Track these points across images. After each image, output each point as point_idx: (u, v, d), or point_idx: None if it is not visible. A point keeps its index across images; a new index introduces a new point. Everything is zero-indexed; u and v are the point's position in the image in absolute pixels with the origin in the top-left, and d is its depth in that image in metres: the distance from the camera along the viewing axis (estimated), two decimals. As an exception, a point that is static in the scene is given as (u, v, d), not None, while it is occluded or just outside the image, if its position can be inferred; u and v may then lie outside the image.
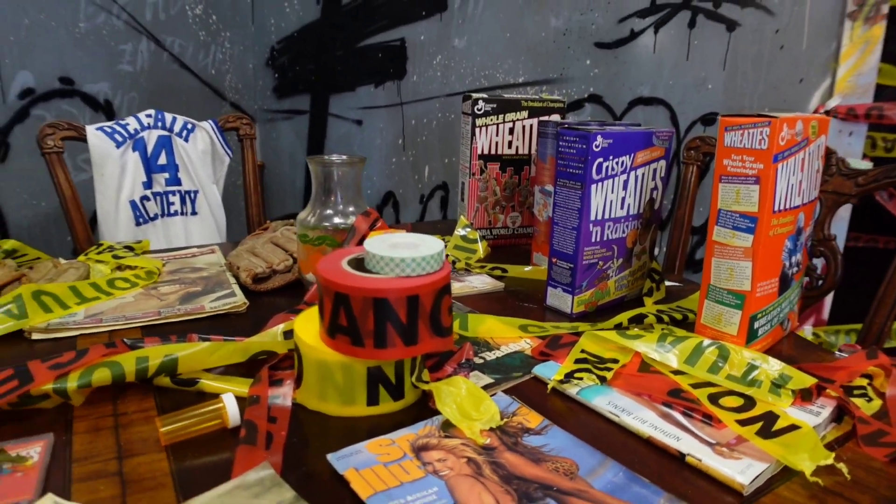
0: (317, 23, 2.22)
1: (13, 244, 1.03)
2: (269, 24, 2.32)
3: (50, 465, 0.53)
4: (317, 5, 2.21)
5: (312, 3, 2.21)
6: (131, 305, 0.87)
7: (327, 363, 0.60)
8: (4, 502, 0.48)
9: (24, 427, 0.59)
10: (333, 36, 2.19)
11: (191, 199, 1.46)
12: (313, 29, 2.24)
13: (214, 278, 0.99)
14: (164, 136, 1.43)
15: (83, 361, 0.63)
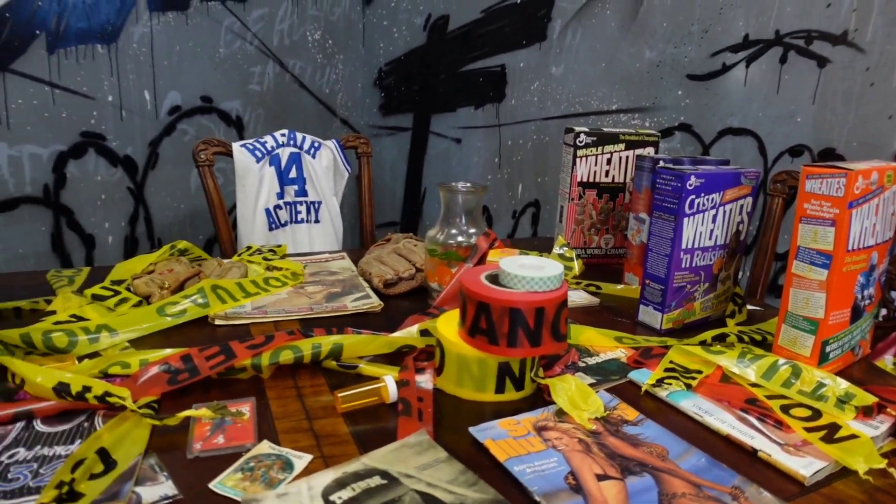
0: (422, 48, 2.40)
1: (185, 244, 1.23)
2: (377, 48, 2.52)
3: (258, 421, 0.70)
4: (423, 32, 2.39)
5: (419, 30, 2.39)
6: (286, 301, 1.06)
7: (465, 357, 0.75)
8: (234, 443, 0.66)
9: (228, 392, 0.77)
10: (437, 60, 2.36)
11: (315, 208, 1.66)
12: (419, 53, 2.42)
13: (350, 281, 1.16)
14: (295, 152, 1.64)
15: (272, 344, 0.80)
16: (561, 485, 0.60)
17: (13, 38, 1.64)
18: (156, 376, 0.75)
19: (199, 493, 0.58)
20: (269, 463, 0.62)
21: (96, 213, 1.85)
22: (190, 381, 0.76)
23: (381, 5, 2.47)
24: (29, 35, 1.66)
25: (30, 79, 1.68)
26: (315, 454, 0.64)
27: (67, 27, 1.72)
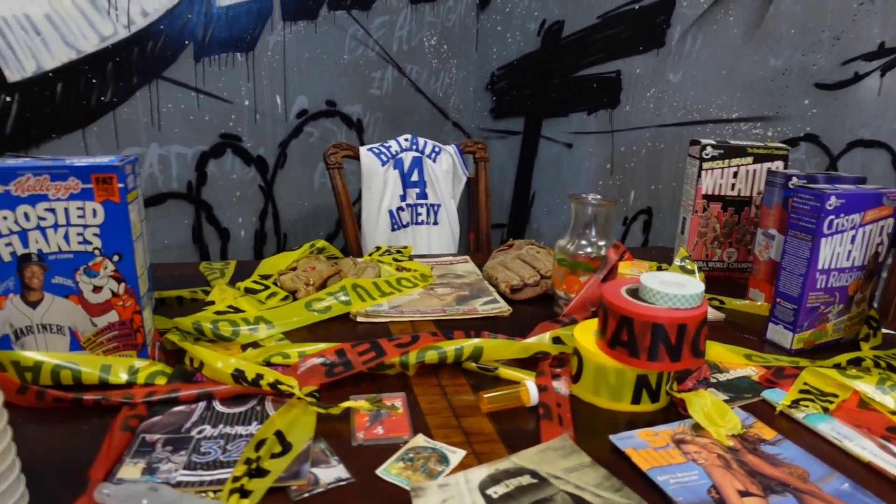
0: (536, 53, 2.43)
1: (322, 243, 1.32)
2: (491, 53, 2.56)
3: (411, 415, 0.76)
4: (537, 37, 2.41)
5: (533, 35, 2.42)
6: (419, 302, 1.12)
7: (604, 367, 0.78)
8: (392, 434, 0.72)
9: (377, 386, 0.84)
10: (551, 66, 2.38)
11: (434, 211, 1.72)
12: (532, 58, 2.45)
13: (476, 285, 1.21)
14: (417, 157, 1.71)
15: (418, 344, 0.86)
16: (705, 497, 0.63)
17: (166, 49, 1.79)
18: (314, 368, 0.83)
19: (368, 478, 0.64)
20: (426, 455, 0.68)
21: (231, 209, 2.00)
22: (345, 375, 0.82)
23: (496, 11, 2.52)
24: (179, 46, 1.81)
25: (179, 85, 1.83)
26: (467, 450, 0.69)
27: (212, 38, 1.86)
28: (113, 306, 0.82)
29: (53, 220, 0.77)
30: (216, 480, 0.63)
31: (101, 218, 0.78)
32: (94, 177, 0.76)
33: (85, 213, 0.77)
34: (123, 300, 0.82)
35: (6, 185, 0.75)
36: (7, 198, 0.76)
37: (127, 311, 0.82)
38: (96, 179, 0.76)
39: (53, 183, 0.76)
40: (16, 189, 0.75)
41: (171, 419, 0.74)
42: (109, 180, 0.76)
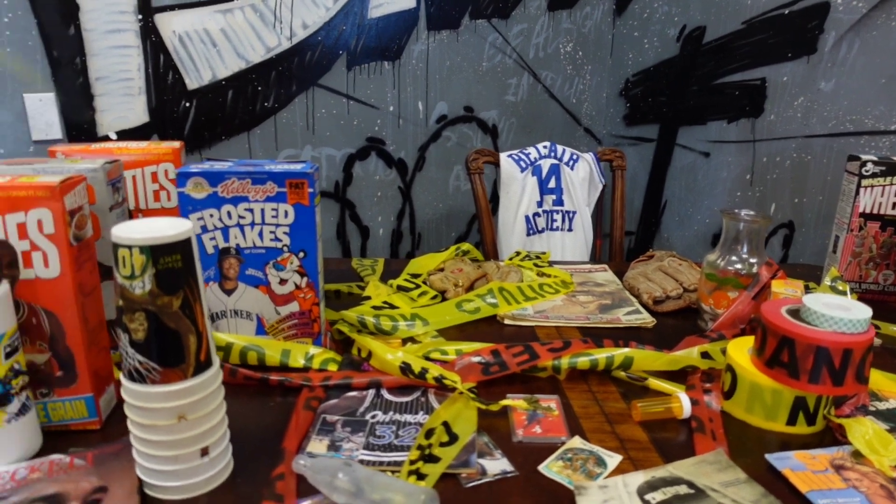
0: (674, 59, 2.39)
1: (467, 246, 1.38)
2: (626, 59, 2.54)
3: (566, 417, 0.80)
4: (676, 43, 2.37)
5: (672, 41, 2.39)
6: (563, 308, 1.15)
7: (760, 385, 0.79)
8: (550, 434, 0.76)
9: (529, 387, 0.88)
10: (690, 72, 2.34)
11: (569, 218, 1.75)
12: (670, 64, 2.41)
13: (617, 294, 1.23)
14: (555, 164, 1.74)
15: (570, 350, 0.90)
16: (870, 523, 0.63)
17: (322, 58, 1.92)
18: (471, 365, 0.89)
19: (531, 473, 0.69)
20: (584, 457, 0.72)
21: (372, 208, 2.11)
22: (500, 375, 0.88)
23: (633, 17, 2.50)
24: (334, 55, 1.94)
25: (332, 92, 1.97)
26: (622, 455, 0.72)
27: (363, 47, 1.98)
28: (295, 297, 0.91)
29: (251, 219, 0.87)
30: (393, 462, 0.70)
31: (291, 218, 0.87)
32: (288, 182, 0.85)
33: (278, 214, 0.87)
34: (305, 292, 0.91)
35: (215, 186, 0.86)
36: (214, 198, 0.86)
37: (307, 302, 0.91)
38: (290, 184, 0.85)
39: (254, 186, 0.86)
40: (222, 191, 0.86)
41: (346, 403, 0.82)
42: (301, 185, 0.85)
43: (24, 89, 1.65)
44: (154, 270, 0.58)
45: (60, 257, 0.72)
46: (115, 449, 0.72)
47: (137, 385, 0.61)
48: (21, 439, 0.71)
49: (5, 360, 0.68)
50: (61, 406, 0.77)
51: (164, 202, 1.05)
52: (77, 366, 0.76)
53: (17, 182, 0.70)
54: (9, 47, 1.61)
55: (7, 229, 0.71)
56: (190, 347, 0.62)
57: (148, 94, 1.76)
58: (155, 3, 1.71)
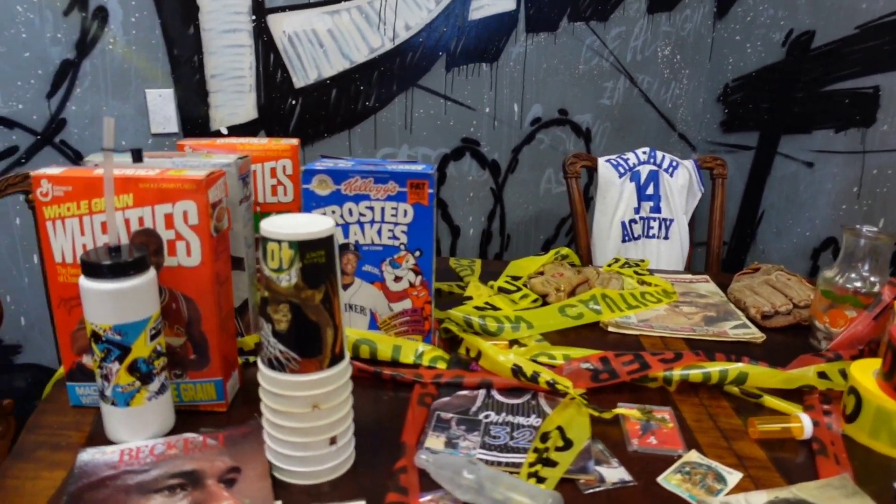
0: (779, 64, 2.31)
1: (567, 251, 1.38)
2: (726, 63, 2.47)
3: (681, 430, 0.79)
4: (782, 48, 2.29)
5: (777, 45, 2.30)
6: (666, 318, 1.14)
7: (887, 410, 0.76)
8: (666, 446, 0.75)
9: (637, 397, 0.87)
10: (796, 78, 2.25)
11: (666, 225, 1.72)
12: (774, 70, 2.33)
13: (722, 307, 1.20)
14: (654, 170, 1.71)
15: (682, 361, 0.89)
16: None
17: (422, 59, 1.96)
18: (579, 371, 0.89)
19: (649, 484, 0.69)
20: (703, 472, 0.71)
21: (464, 208, 2.14)
22: (610, 383, 0.87)
23: (735, 20, 2.43)
24: (434, 56, 1.97)
25: (430, 92, 2.00)
26: (742, 473, 0.71)
27: (462, 49, 2.00)
28: (409, 295, 0.93)
29: (371, 217, 0.90)
30: (511, 463, 0.71)
31: (410, 217, 0.89)
32: (409, 182, 0.88)
33: (397, 213, 0.89)
34: (418, 290, 0.93)
35: (338, 184, 0.89)
36: (337, 195, 0.89)
37: (420, 300, 0.94)
38: (411, 184, 0.88)
39: (376, 185, 0.88)
40: (345, 189, 0.89)
41: (459, 401, 0.84)
42: (422, 185, 0.87)
43: (146, 85, 1.75)
44: (301, 265, 0.61)
45: (202, 247, 0.76)
46: (244, 431, 0.76)
47: (276, 373, 0.65)
48: (158, 417, 0.76)
49: (150, 341, 0.73)
50: (192, 388, 0.82)
51: (282, 197, 1.09)
52: (210, 350, 0.80)
53: (166, 175, 0.75)
54: (134, 45, 1.71)
55: (155, 219, 0.76)
56: (327, 340, 0.64)
57: (257, 92, 1.84)
58: (268, 4, 1.78)
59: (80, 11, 1.65)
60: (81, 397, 0.83)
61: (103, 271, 0.69)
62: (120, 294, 0.69)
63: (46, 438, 0.77)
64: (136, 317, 0.71)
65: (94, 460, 0.70)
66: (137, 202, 0.75)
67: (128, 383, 0.72)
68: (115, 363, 0.71)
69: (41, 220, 0.77)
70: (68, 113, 1.71)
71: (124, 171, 0.75)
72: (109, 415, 0.74)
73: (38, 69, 1.66)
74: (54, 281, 0.79)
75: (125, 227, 0.76)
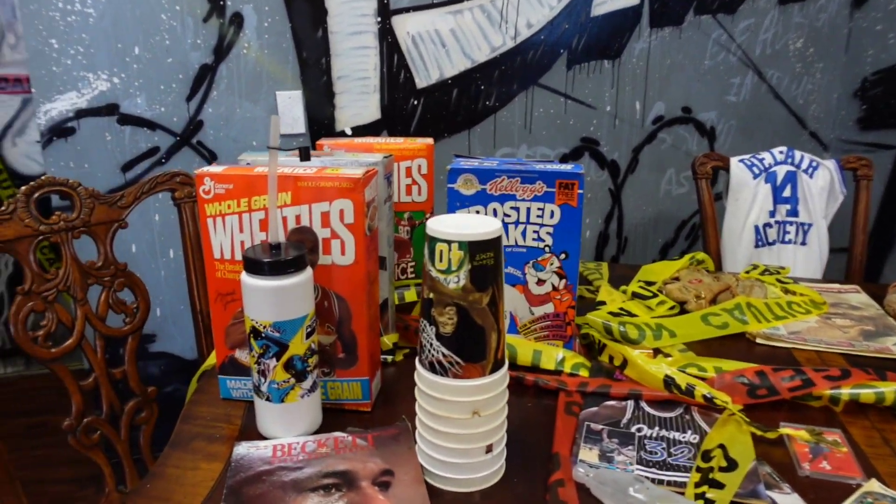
0: (928, 56, 2.13)
1: (702, 256, 1.32)
2: (865, 55, 2.30)
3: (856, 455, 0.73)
4: (932, 38, 2.11)
5: (927, 35, 2.12)
6: (819, 331, 1.06)
7: None
8: (842, 473, 0.70)
9: (797, 416, 0.81)
10: (948, 71, 2.07)
11: (804, 230, 1.61)
12: (921, 62, 2.15)
13: (880, 320, 1.11)
14: (792, 171, 1.61)
15: (850, 380, 0.82)
16: None
17: (543, 57, 1.93)
18: (734, 385, 0.84)
19: (829, 513, 0.64)
20: None
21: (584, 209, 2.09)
22: (768, 400, 0.82)
23: (876, 7, 2.25)
24: (555, 54, 1.94)
25: (551, 91, 1.97)
26: (936, 506, 0.65)
27: (584, 46, 1.96)
28: (551, 299, 0.91)
29: (516, 217, 0.88)
30: (672, 482, 0.68)
31: (556, 219, 0.87)
32: (558, 182, 0.85)
33: (543, 214, 0.87)
34: (562, 294, 0.91)
35: (484, 184, 0.88)
36: (482, 195, 0.88)
37: (563, 304, 0.91)
38: (560, 184, 0.85)
39: (522, 185, 0.87)
40: (491, 188, 0.88)
41: (608, 412, 0.81)
42: (571, 186, 0.85)
43: (277, 87, 1.81)
44: (470, 266, 0.60)
45: (356, 246, 0.77)
46: (393, 433, 0.76)
47: (438, 377, 0.64)
48: (309, 414, 0.78)
49: (306, 339, 0.74)
50: (339, 386, 0.83)
51: (416, 196, 1.10)
52: (358, 349, 0.81)
53: (324, 174, 0.76)
54: (266, 49, 1.77)
55: (312, 217, 0.77)
56: (491, 344, 0.63)
57: (381, 92, 1.87)
58: (393, 6, 1.80)
59: (218, 18, 1.73)
60: (232, 391, 0.85)
61: (264, 268, 0.70)
62: (281, 291, 0.71)
63: (201, 430, 0.80)
64: (294, 314, 0.72)
65: (249, 454, 0.72)
66: (295, 200, 0.77)
67: (283, 380, 0.74)
68: (273, 359, 0.73)
69: (202, 216, 0.80)
70: (205, 115, 1.79)
71: (283, 170, 0.77)
72: (263, 410, 0.76)
73: (179, 73, 1.75)
74: (212, 276, 0.82)
75: (282, 224, 0.78)
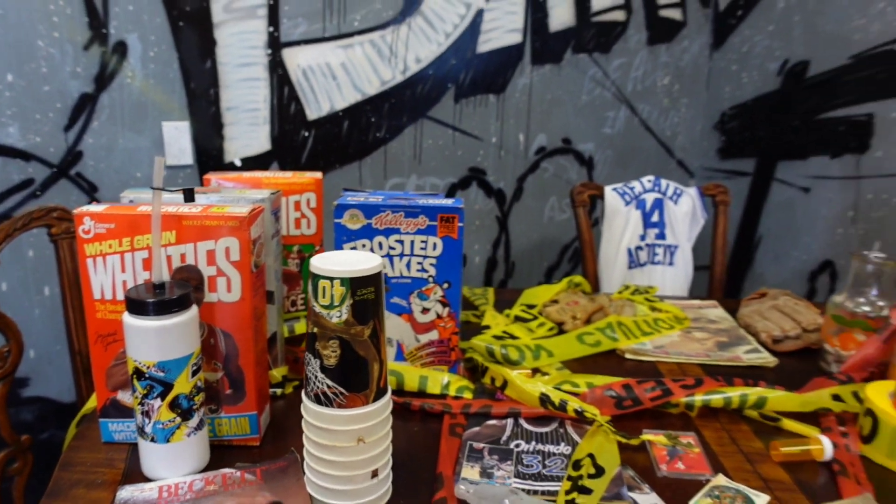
0: (774, 93, 2.37)
1: (579, 279, 1.41)
2: (723, 92, 2.54)
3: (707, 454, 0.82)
4: (777, 77, 2.36)
5: (772, 75, 2.37)
6: (681, 344, 1.17)
7: (905, 433, 0.79)
8: (694, 471, 0.78)
9: (659, 423, 0.90)
10: (791, 106, 2.31)
11: (671, 252, 1.76)
12: (769, 98, 2.40)
13: (733, 332, 1.23)
14: (659, 198, 1.75)
15: (703, 387, 0.92)
16: None
17: (432, 91, 2.01)
18: (603, 399, 0.91)
19: (681, 509, 0.71)
20: (731, 495, 0.73)
21: (470, 237, 2.17)
22: (633, 410, 0.90)
23: (731, 50, 2.50)
24: (443, 88, 2.03)
25: (439, 123, 2.04)
26: (769, 496, 0.74)
27: (470, 80, 2.05)
28: (436, 326, 0.96)
29: (400, 250, 0.93)
30: (546, 491, 0.73)
31: (439, 251, 0.92)
32: (439, 216, 0.91)
33: (427, 246, 0.92)
34: (445, 322, 0.96)
35: (369, 219, 0.92)
36: (368, 229, 0.93)
37: (447, 331, 0.96)
38: (441, 218, 0.91)
39: (406, 219, 0.92)
40: (376, 223, 0.92)
41: (489, 431, 0.86)
42: (452, 219, 0.91)
43: (163, 118, 1.78)
44: (351, 301, 0.63)
45: (242, 283, 0.79)
46: (282, 465, 0.77)
47: (323, 408, 0.67)
48: (196, 452, 0.78)
49: (191, 377, 0.75)
50: (227, 422, 0.84)
51: (305, 230, 1.12)
52: (246, 384, 0.82)
53: (209, 213, 0.78)
54: (152, 79, 1.75)
55: (197, 255, 0.78)
56: (373, 374, 0.67)
57: (271, 124, 1.88)
58: (283, 39, 1.82)
59: (101, 46, 1.69)
60: (114, 433, 0.84)
61: (148, 308, 0.71)
62: (165, 331, 0.71)
63: (81, 476, 0.77)
64: (179, 353, 0.73)
65: (133, 498, 0.71)
66: (180, 239, 0.78)
67: (169, 419, 0.74)
68: (157, 399, 0.73)
69: (82, 257, 0.79)
70: (85, 145, 1.74)
71: (168, 209, 0.78)
72: (148, 451, 0.76)
73: (56, 102, 1.69)
74: (92, 317, 0.81)
75: (167, 263, 0.79)
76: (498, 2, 2.05)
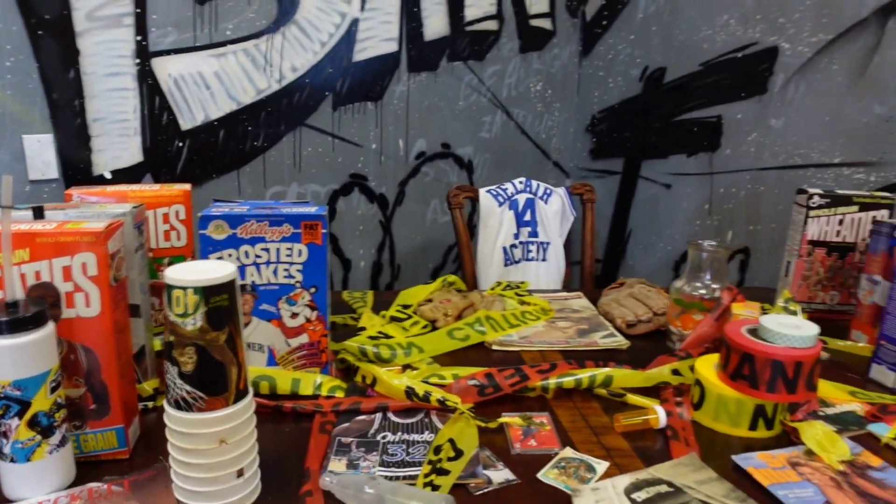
0: (637, 97, 2.55)
1: (453, 278, 1.48)
2: (592, 97, 2.70)
3: (557, 431, 0.90)
4: (639, 82, 2.54)
5: (635, 81, 2.55)
6: (545, 333, 1.25)
7: (725, 396, 0.89)
8: (545, 447, 0.85)
9: (520, 406, 0.97)
10: (652, 109, 2.50)
11: (543, 248, 1.86)
12: (633, 102, 2.57)
13: (593, 320, 1.34)
14: (531, 198, 1.85)
15: (556, 371, 1.00)
16: (821, 512, 0.73)
17: (310, 99, 2.03)
18: (467, 388, 0.98)
19: (531, 481, 0.78)
20: (576, 465, 0.81)
21: (354, 242, 2.20)
22: (495, 396, 0.97)
23: (598, 58, 2.66)
24: (321, 96, 2.05)
25: (318, 131, 2.07)
26: (609, 462, 0.82)
27: (348, 89, 2.09)
28: (305, 330, 0.99)
29: (267, 258, 0.96)
30: (408, 476, 0.78)
31: (304, 257, 0.96)
32: (303, 223, 0.94)
33: (292, 253, 0.96)
34: (314, 325, 0.99)
35: (234, 228, 0.94)
36: (233, 239, 0.95)
37: (316, 334, 1.00)
38: (305, 225, 0.94)
39: (271, 228, 0.94)
40: (241, 232, 0.94)
41: (358, 426, 0.91)
42: (315, 226, 0.94)
43: (23, 130, 1.70)
44: (205, 309, 0.66)
45: (101, 297, 0.79)
46: (150, 474, 0.78)
47: (183, 413, 0.69)
48: (60, 470, 0.77)
49: (50, 394, 0.74)
50: (93, 438, 0.83)
51: (175, 241, 1.12)
52: (110, 398, 0.82)
53: (64, 229, 0.78)
54: (9, 90, 1.67)
55: (53, 272, 0.78)
56: (232, 377, 0.70)
57: (143, 135, 1.84)
58: (152, 48, 1.79)
59: (-51, 58, 1.61)
60: (-31, 457, 0.82)
61: (2, 327, 0.70)
62: (19, 349, 0.71)
63: (-64, 504, 0.76)
64: (35, 371, 0.72)
65: (-5, 519, 0.71)
66: (34, 256, 0.77)
67: (28, 438, 0.73)
68: (15, 419, 0.72)
69: (-71, 278, 0.77)
70: (-64, 163, 1.65)
71: (21, 227, 0.77)
72: (8, 472, 0.75)
73: None
74: (-58, 339, 0.79)
75: (21, 281, 0.78)
76: (372, 11, 2.10)
